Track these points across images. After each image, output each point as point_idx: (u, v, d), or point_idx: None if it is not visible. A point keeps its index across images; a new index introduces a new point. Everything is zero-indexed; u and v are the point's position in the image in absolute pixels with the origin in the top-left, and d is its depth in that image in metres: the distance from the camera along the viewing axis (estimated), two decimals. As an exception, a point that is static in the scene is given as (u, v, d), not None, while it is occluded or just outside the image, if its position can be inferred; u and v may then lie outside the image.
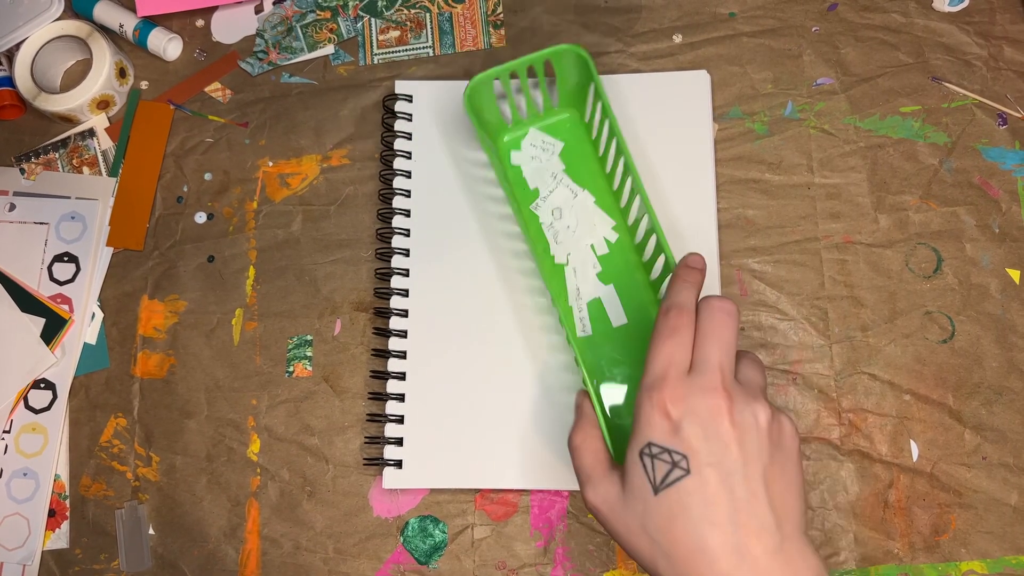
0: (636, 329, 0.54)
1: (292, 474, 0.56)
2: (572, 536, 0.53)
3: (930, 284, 0.55)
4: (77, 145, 0.64)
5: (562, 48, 0.52)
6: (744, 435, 0.38)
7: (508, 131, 0.58)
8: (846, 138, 0.57)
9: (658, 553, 0.38)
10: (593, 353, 0.54)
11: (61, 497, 0.58)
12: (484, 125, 0.55)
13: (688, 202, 0.56)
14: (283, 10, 0.65)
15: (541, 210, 0.57)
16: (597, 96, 0.53)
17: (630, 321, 0.54)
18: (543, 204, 0.57)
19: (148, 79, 0.65)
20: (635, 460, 0.38)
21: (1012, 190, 0.55)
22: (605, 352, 0.54)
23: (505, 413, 0.54)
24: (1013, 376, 0.53)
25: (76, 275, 0.61)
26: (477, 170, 0.59)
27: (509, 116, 0.57)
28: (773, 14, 0.60)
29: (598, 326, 0.54)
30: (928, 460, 0.52)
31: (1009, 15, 0.58)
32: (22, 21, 0.64)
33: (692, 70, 0.59)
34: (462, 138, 0.59)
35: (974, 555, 0.51)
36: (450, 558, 0.54)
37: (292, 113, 0.62)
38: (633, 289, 0.55)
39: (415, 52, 0.63)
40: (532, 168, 0.57)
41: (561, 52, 0.52)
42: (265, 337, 0.59)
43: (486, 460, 0.54)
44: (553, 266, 0.56)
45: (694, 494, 0.37)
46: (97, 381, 0.60)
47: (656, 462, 0.38)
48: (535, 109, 0.57)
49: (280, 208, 0.61)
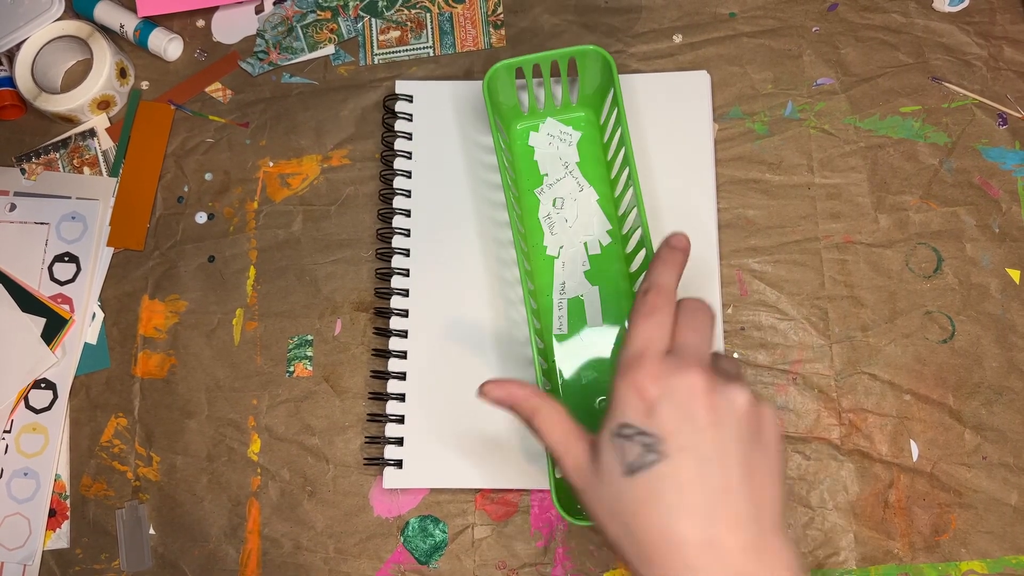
0: (611, 335, 0.54)
1: (293, 474, 0.56)
2: (572, 536, 0.54)
3: (930, 284, 0.55)
4: (78, 145, 0.64)
5: (589, 48, 0.52)
6: (722, 419, 0.36)
7: (523, 119, 0.58)
8: (846, 138, 0.57)
9: (627, 538, 0.36)
10: (563, 351, 0.54)
11: (62, 497, 0.58)
12: (498, 109, 0.55)
13: (688, 202, 0.56)
14: (283, 10, 0.65)
15: (544, 196, 0.57)
16: (614, 102, 0.53)
17: (606, 326, 0.54)
18: (547, 191, 0.57)
19: (149, 79, 0.65)
20: (607, 440, 0.36)
21: (1012, 190, 0.55)
22: (576, 352, 0.54)
23: (506, 413, 0.54)
24: (1013, 376, 0.53)
25: (77, 275, 0.61)
26: (478, 170, 0.59)
27: (526, 105, 0.57)
28: (773, 14, 0.60)
29: (573, 326, 0.55)
30: (928, 460, 0.52)
31: (1009, 15, 0.58)
32: (23, 21, 0.64)
33: (692, 70, 0.59)
34: (463, 138, 0.59)
35: (974, 555, 0.51)
36: (450, 558, 0.54)
37: (293, 113, 0.62)
38: (616, 296, 0.55)
39: (415, 52, 0.63)
40: (546, 152, 0.58)
41: (587, 52, 0.53)
42: (266, 337, 0.59)
43: (486, 460, 0.54)
44: (543, 257, 0.56)
45: (667, 479, 0.35)
46: (98, 381, 0.60)
47: (629, 444, 0.35)
48: (553, 103, 0.57)
49: (280, 208, 0.61)
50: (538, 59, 0.53)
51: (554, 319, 0.55)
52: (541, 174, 0.57)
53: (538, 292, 0.55)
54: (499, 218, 0.58)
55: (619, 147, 0.54)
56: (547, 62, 0.53)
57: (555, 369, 0.54)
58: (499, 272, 0.57)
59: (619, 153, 0.54)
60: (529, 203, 0.57)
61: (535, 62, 0.53)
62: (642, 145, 0.57)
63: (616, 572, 0.53)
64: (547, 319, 0.55)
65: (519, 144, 0.58)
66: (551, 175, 0.57)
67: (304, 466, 0.56)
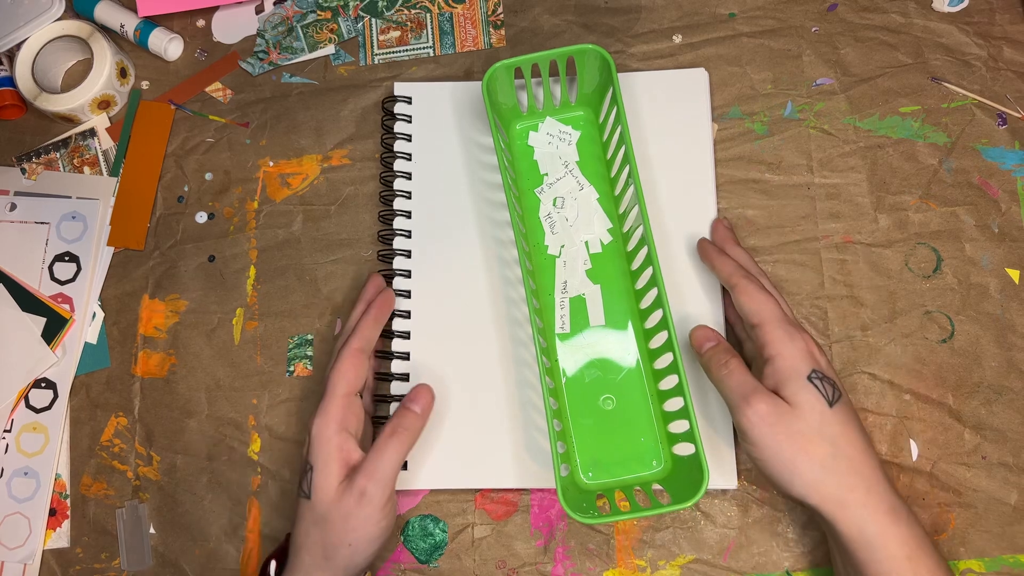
0: (613, 335, 0.54)
1: (293, 473, 0.56)
2: (572, 535, 0.54)
3: (930, 284, 0.55)
4: (78, 145, 0.64)
5: (588, 48, 0.52)
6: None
7: (522, 119, 0.58)
8: (846, 138, 0.57)
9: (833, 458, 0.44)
10: (565, 350, 0.54)
11: (62, 496, 0.58)
12: (497, 109, 0.55)
13: (688, 202, 0.56)
14: (284, 10, 0.65)
15: (544, 195, 0.57)
16: (613, 101, 0.53)
17: (608, 325, 0.54)
18: (548, 190, 0.57)
19: (149, 79, 0.65)
20: (804, 384, 0.45)
21: (1012, 190, 0.55)
22: (578, 351, 0.54)
23: (507, 413, 0.54)
24: (1012, 376, 0.53)
25: (77, 275, 0.61)
26: (478, 171, 0.59)
27: (525, 105, 0.57)
28: (773, 14, 0.60)
29: (575, 325, 0.55)
30: (928, 459, 0.52)
31: (1009, 15, 0.58)
32: (23, 21, 0.64)
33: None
34: (462, 138, 0.59)
35: (972, 554, 0.51)
36: (450, 557, 0.54)
37: (293, 113, 0.62)
38: (617, 294, 0.55)
39: (415, 52, 0.63)
40: (546, 152, 0.58)
41: (586, 51, 0.53)
42: (266, 337, 0.59)
43: (488, 460, 0.54)
44: (544, 257, 0.56)
45: (850, 410, 0.46)
46: (98, 380, 0.60)
47: (824, 383, 0.46)
48: (552, 102, 0.57)
49: (281, 208, 0.61)
50: (537, 59, 0.53)
51: (556, 318, 0.55)
52: (541, 173, 0.57)
53: (540, 291, 0.55)
54: (499, 218, 0.58)
55: (619, 145, 0.54)
56: (546, 62, 0.53)
57: (558, 368, 0.54)
58: (500, 272, 0.57)
59: (619, 151, 0.54)
60: (530, 202, 0.57)
61: (534, 62, 0.53)
62: (641, 144, 0.57)
63: (616, 571, 0.53)
64: (549, 318, 0.55)
65: (519, 144, 0.58)
66: (551, 174, 0.57)
67: (304, 465, 0.56)
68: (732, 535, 0.52)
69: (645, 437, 0.52)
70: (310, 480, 0.47)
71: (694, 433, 0.48)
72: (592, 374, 0.54)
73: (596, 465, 0.52)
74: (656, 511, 0.47)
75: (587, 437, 0.53)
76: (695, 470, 0.47)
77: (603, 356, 0.54)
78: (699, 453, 0.47)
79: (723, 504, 0.53)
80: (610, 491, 0.50)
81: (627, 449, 0.52)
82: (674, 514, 0.53)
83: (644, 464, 0.52)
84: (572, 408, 0.53)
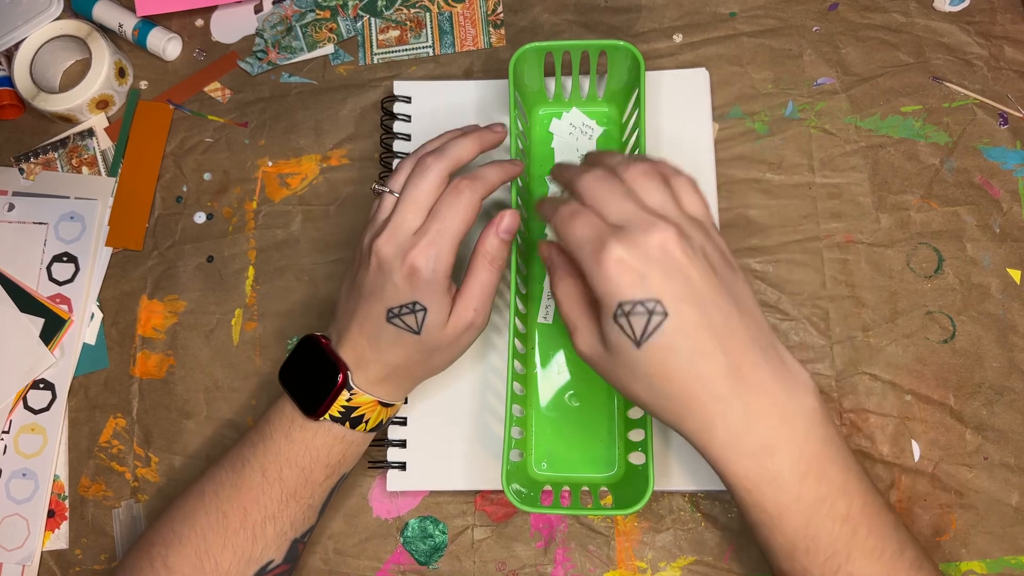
0: None
1: (292, 475, 0.56)
2: (572, 536, 0.53)
3: (931, 284, 0.55)
4: (76, 145, 0.64)
5: (620, 44, 0.52)
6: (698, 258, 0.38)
7: (546, 105, 0.58)
8: (847, 138, 0.57)
9: (656, 399, 0.39)
10: (544, 339, 0.54)
11: (60, 497, 0.58)
12: (521, 91, 0.55)
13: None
14: (283, 10, 0.64)
15: (553, 183, 0.57)
16: (637, 103, 0.53)
17: None
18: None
19: (147, 79, 0.65)
20: (611, 325, 0.38)
21: (1013, 190, 0.55)
22: (554, 342, 0.54)
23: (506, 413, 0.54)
24: (1014, 376, 0.53)
25: (75, 275, 0.61)
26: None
27: (552, 91, 0.57)
28: (773, 14, 0.60)
29: (558, 315, 0.55)
30: (929, 460, 0.52)
31: (1010, 15, 0.58)
32: (21, 21, 0.64)
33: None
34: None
35: (974, 555, 0.51)
36: (450, 559, 0.54)
37: (292, 113, 0.62)
38: None
39: (415, 52, 0.62)
40: (565, 142, 0.58)
41: (619, 48, 0.52)
42: (265, 337, 0.59)
43: (487, 461, 0.54)
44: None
45: (678, 333, 0.37)
46: (96, 381, 0.59)
47: (631, 319, 0.37)
48: (579, 93, 0.57)
49: (280, 208, 0.61)
50: (569, 47, 0.52)
51: (541, 307, 0.55)
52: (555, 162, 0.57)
53: (531, 278, 0.55)
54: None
55: (634, 148, 0.54)
56: (578, 51, 0.53)
57: (533, 356, 0.54)
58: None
59: (634, 153, 0.54)
60: (538, 190, 0.57)
61: (566, 49, 0.53)
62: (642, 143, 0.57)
63: (616, 572, 0.53)
64: (535, 307, 0.55)
65: (538, 130, 0.58)
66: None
67: (303, 467, 0.56)
68: (733, 537, 0.52)
69: (604, 440, 0.53)
70: (421, 320, 0.46)
71: (647, 443, 0.48)
72: (564, 369, 0.54)
73: (551, 458, 0.53)
74: (595, 512, 0.48)
75: (547, 429, 0.53)
76: (642, 480, 0.47)
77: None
78: (648, 464, 0.47)
79: (724, 506, 0.53)
80: (558, 486, 0.51)
81: (584, 450, 0.53)
82: (675, 515, 0.53)
83: (598, 467, 0.52)
84: (538, 398, 0.54)
